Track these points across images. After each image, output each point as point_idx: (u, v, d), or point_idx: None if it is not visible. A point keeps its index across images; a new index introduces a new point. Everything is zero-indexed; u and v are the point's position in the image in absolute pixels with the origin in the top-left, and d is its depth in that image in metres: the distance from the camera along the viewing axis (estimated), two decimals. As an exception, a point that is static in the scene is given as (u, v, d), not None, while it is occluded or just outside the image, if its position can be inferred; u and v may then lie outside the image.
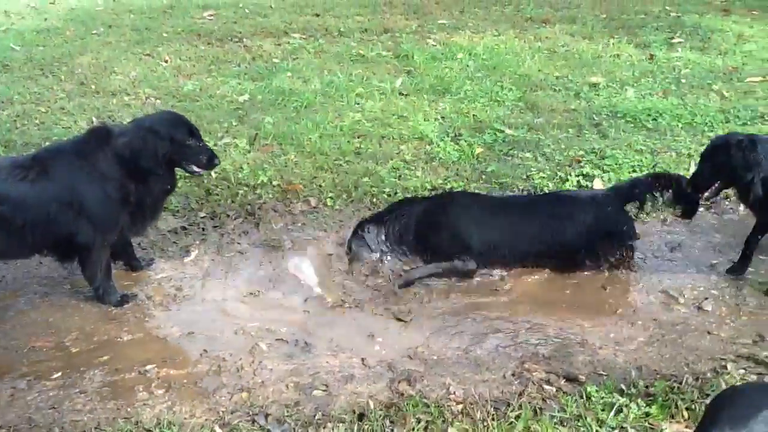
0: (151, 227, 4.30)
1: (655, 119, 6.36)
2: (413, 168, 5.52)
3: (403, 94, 6.95)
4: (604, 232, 4.31)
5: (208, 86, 7.12)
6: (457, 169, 5.51)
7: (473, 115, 6.46)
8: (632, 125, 6.29)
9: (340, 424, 3.14)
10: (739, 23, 9.25)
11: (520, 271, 4.34)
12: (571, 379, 3.42)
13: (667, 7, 10.07)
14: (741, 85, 7.16)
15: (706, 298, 4.10)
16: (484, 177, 5.38)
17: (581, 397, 3.27)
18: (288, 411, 3.25)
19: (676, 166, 5.47)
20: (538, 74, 7.49)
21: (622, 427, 3.10)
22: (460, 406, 3.25)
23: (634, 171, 5.42)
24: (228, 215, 4.93)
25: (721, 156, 4.07)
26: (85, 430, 3.15)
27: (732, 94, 6.87)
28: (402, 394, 3.34)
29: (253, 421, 3.20)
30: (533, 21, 9.57)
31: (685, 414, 3.15)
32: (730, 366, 3.50)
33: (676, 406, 3.18)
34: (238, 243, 4.66)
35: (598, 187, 5.07)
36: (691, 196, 4.36)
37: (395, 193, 5.14)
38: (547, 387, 3.37)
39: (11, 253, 3.92)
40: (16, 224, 3.66)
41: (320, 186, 5.25)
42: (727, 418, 2.12)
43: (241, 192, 5.16)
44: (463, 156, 5.69)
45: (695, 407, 3.18)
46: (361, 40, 8.68)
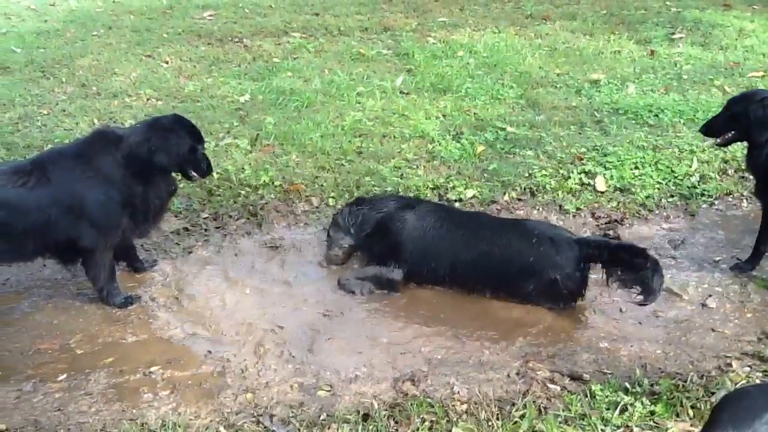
0: (155, 229, 4.31)
1: (656, 115, 6.35)
2: (415, 167, 5.52)
3: (403, 93, 6.94)
4: (548, 279, 3.94)
5: (209, 87, 7.11)
6: (459, 168, 5.50)
7: (474, 113, 6.46)
8: (634, 122, 6.28)
9: (345, 425, 3.15)
10: (740, 18, 9.22)
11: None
12: (576, 378, 3.43)
13: (668, 3, 10.05)
14: (743, 80, 7.14)
15: (710, 295, 4.10)
16: (486, 175, 5.37)
17: (586, 396, 3.28)
18: (293, 411, 3.26)
19: (679, 163, 5.47)
20: (538, 71, 7.48)
21: (627, 426, 3.11)
22: (465, 406, 3.25)
23: (636, 168, 5.42)
24: (230, 216, 4.93)
25: (742, 106, 4.00)
26: (90, 431, 3.15)
27: (734, 90, 6.83)
28: (406, 394, 3.35)
29: (258, 422, 3.21)
30: (533, 18, 9.55)
31: (691, 412, 3.16)
32: (735, 364, 3.50)
33: (682, 405, 3.18)
34: (241, 243, 4.67)
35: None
36: (651, 287, 3.78)
37: (397, 193, 5.14)
38: (551, 386, 3.37)
39: (14, 257, 3.91)
40: (19, 229, 3.67)
41: (322, 186, 5.25)
42: (730, 419, 2.11)
43: (243, 192, 5.16)
44: (465, 154, 5.68)
45: (700, 406, 3.18)
46: (361, 39, 8.67)
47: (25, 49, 8.11)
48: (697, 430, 3.05)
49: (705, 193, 5.14)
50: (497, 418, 3.16)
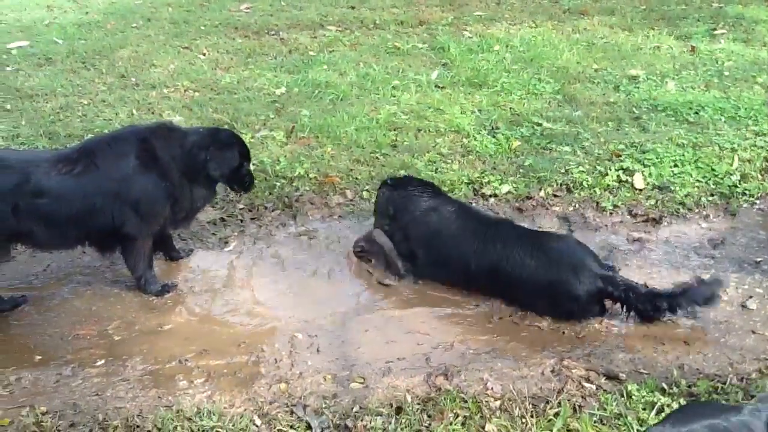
0: (186, 227, 4.42)
1: (696, 112, 6.23)
2: (450, 161, 5.49)
3: (439, 87, 6.91)
4: (565, 309, 3.84)
5: (245, 79, 7.16)
6: (494, 163, 5.46)
7: (510, 108, 6.40)
8: (673, 119, 6.16)
9: (378, 418, 3.16)
10: (784, 14, 9.00)
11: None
12: (612, 377, 3.39)
13: (710, -2, 9.85)
14: (786, 78, 6.97)
15: (751, 297, 4.01)
16: (521, 171, 5.32)
17: (622, 396, 3.24)
18: (326, 403, 3.28)
19: (719, 161, 5.36)
20: (576, 66, 7.38)
21: (664, 427, 3.06)
22: (498, 402, 3.24)
23: (676, 165, 5.32)
24: (266, 207, 4.97)
25: None
26: (127, 417, 3.21)
27: (777, 87, 6.70)
28: (439, 389, 3.34)
29: (292, 412, 3.23)
30: (571, 12, 9.42)
31: (729, 414, 3.09)
32: (775, 366, 3.43)
33: (720, 407, 3.12)
34: (276, 234, 4.70)
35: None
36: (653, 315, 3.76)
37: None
38: (586, 384, 3.34)
39: (56, 244, 3.98)
40: (63, 215, 3.73)
41: (357, 179, 5.26)
42: (673, 418, 2.38)
43: (278, 184, 5.19)
44: (500, 149, 5.64)
45: (740, 408, 3.12)
46: (397, 33, 8.65)
47: (67, 41, 8.25)
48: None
49: (746, 193, 5.03)
50: (531, 416, 3.13)
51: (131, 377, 3.48)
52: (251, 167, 4.36)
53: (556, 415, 3.13)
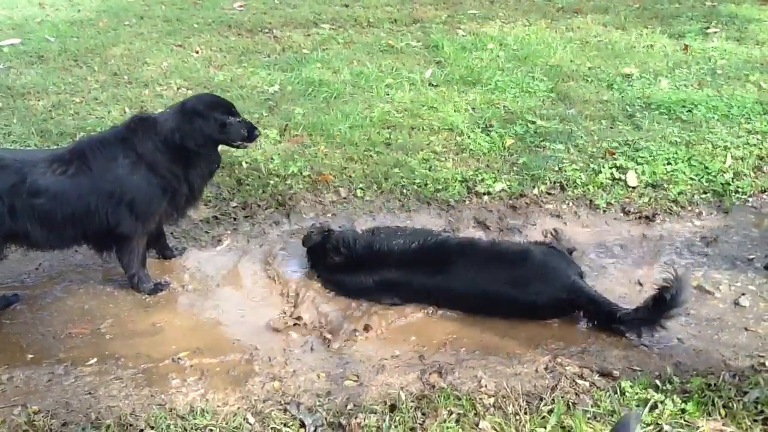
0: (195, 207, 4.33)
1: (690, 111, 6.24)
2: (443, 159, 5.49)
3: (432, 85, 6.91)
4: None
5: (239, 77, 7.14)
6: (488, 161, 5.46)
7: (504, 106, 6.40)
8: (666, 117, 6.18)
9: (372, 415, 3.15)
10: (777, 13, 9.03)
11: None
12: (605, 374, 3.39)
13: (703, -3, 9.88)
14: (779, 76, 7.00)
15: (744, 294, 4.02)
16: (515, 168, 5.33)
17: (615, 393, 3.24)
18: (319, 400, 3.27)
19: (712, 159, 5.37)
20: (569, 65, 7.39)
21: (657, 424, 3.07)
22: (492, 400, 3.23)
23: (669, 163, 5.34)
24: (259, 205, 4.96)
25: None
26: (120, 415, 3.19)
27: (770, 85, 6.72)
28: (433, 386, 3.34)
29: (285, 410, 3.22)
30: (565, 11, 9.44)
31: (723, 412, 3.11)
32: (768, 363, 3.44)
33: (713, 404, 3.14)
34: (269, 233, 4.69)
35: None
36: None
37: (425, 184, 5.12)
38: (580, 381, 3.34)
39: (53, 244, 3.95)
40: (58, 216, 3.71)
41: (350, 176, 5.25)
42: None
43: (271, 182, 5.18)
44: (494, 147, 5.64)
45: (733, 405, 3.13)
46: (391, 31, 8.64)
47: (59, 39, 8.21)
48: (730, 429, 3.02)
49: (739, 190, 5.05)
50: (525, 413, 3.13)
51: (124, 376, 3.46)
52: (236, 121, 4.01)
53: (550, 412, 3.13)
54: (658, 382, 3.30)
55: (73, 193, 3.70)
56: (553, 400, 3.19)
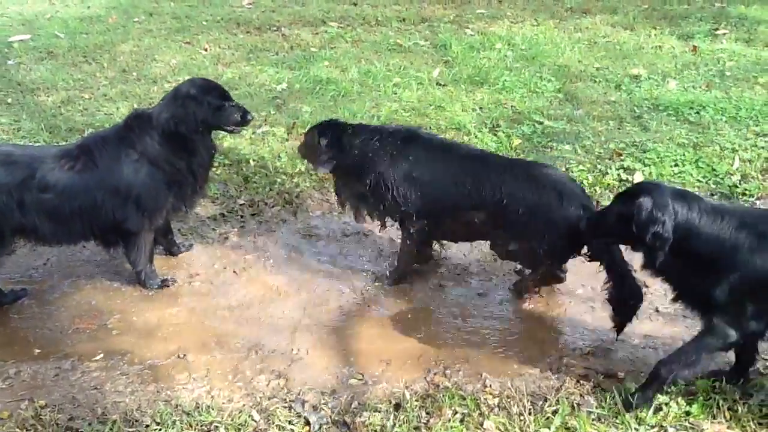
0: (202, 198, 4.35)
1: (698, 112, 6.23)
2: (450, 159, 5.48)
3: (440, 84, 6.91)
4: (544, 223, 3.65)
5: (247, 75, 7.16)
6: (495, 161, 5.46)
7: (511, 106, 6.40)
8: (674, 118, 6.16)
9: (377, 414, 3.16)
10: (787, 15, 8.99)
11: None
12: (610, 376, 3.39)
13: (712, -2, 9.85)
14: (788, 79, 6.97)
15: (750, 297, 4.00)
16: (522, 169, 5.32)
17: (620, 394, 3.23)
18: (324, 399, 3.29)
19: (720, 161, 5.35)
20: (577, 65, 7.39)
21: (662, 426, 3.07)
22: (497, 400, 3.24)
23: (676, 165, 5.32)
24: (266, 203, 4.97)
25: None
26: (126, 411, 3.21)
27: (779, 88, 6.69)
28: (438, 386, 3.35)
29: (290, 408, 3.24)
30: (573, 11, 9.42)
31: (727, 414, 3.11)
32: (774, 366, 3.43)
33: (718, 406, 3.13)
34: (276, 230, 4.70)
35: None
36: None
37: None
38: (585, 383, 3.34)
39: (62, 239, 3.98)
40: (66, 211, 3.75)
41: (357, 175, 5.25)
42: None
43: (279, 180, 5.19)
44: (501, 147, 5.64)
45: (737, 408, 3.13)
46: (399, 30, 8.65)
47: (69, 35, 8.25)
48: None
49: (746, 193, 5.03)
50: (530, 413, 3.14)
51: (130, 371, 3.48)
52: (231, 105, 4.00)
53: (555, 412, 3.13)
54: (663, 384, 3.29)
55: (80, 188, 3.74)
56: (558, 401, 3.20)
